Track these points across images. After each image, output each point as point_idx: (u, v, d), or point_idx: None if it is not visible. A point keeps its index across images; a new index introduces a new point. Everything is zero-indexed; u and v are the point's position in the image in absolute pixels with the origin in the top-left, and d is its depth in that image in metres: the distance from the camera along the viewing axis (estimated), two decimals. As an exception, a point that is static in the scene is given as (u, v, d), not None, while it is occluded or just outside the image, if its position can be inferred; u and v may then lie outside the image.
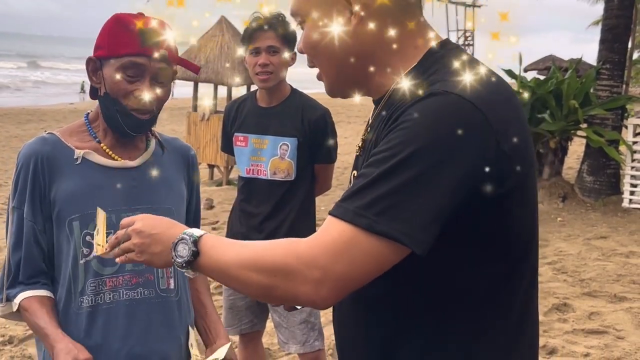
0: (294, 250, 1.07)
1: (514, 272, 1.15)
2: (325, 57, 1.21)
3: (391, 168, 1.03)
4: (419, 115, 1.04)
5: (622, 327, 4.48)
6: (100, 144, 1.72)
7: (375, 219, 1.02)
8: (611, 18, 8.83)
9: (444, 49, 1.18)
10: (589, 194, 8.72)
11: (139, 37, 1.60)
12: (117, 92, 1.64)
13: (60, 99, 30.68)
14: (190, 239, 1.16)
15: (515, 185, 1.09)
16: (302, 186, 2.88)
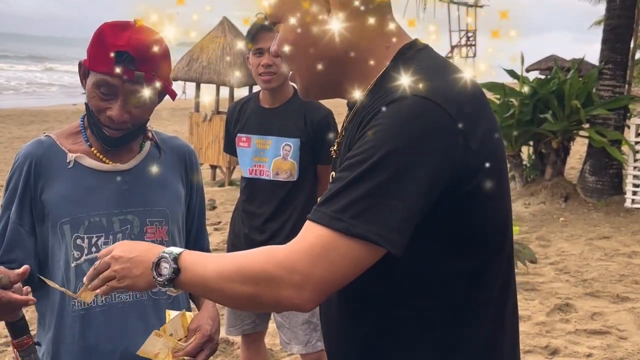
0: (273, 257, 1.09)
1: (488, 267, 1.17)
2: (301, 59, 1.22)
3: (364, 172, 1.06)
4: (388, 118, 1.07)
5: (625, 328, 4.48)
6: (91, 148, 1.72)
7: (351, 222, 1.04)
8: (613, 18, 8.82)
9: (411, 50, 1.20)
10: (591, 194, 8.71)
11: (113, 58, 1.57)
12: (92, 106, 1.65)
13: (63, 99, 30.73)
14: (170, 256, 1.17)
15: (484, 182, 1.11)
16: (305, 187, 2.88)
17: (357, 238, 1.05)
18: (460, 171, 1.08)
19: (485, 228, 1.15)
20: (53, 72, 52.11)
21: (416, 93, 1.08)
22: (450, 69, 1.17)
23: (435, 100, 1.07)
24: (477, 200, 1.12)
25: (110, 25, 1.61)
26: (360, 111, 1.19)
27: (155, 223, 1.75)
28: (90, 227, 1.68)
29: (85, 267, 1.66)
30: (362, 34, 1.19)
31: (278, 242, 2.81)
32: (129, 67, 1.57)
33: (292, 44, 1.21)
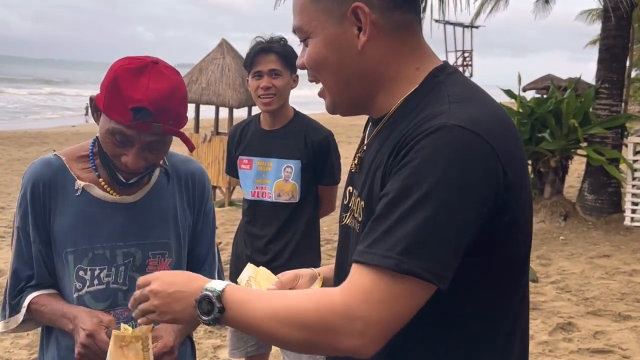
0: (329, 304, 1.07)
1: (509, 292, 1.18)
2: (331, 74, 1.22)
3: (408, 209, 1.04)
4: (429, 151, 1.06)
5: (628, 347, 4.46)
6: (99, 178, 1.69)
7: (401, 259, 1.03)
8: (609, 38, 8.90)
9: (443, 73, 1.20)
10: (590, 212, 8.72)
11: (131, 113, 1.51)
12: (106, 150, 1.61)
13: (63, 121, 30.81)
14: (214, 295, 1.14)
15: (518, 213, 1.12)
16: (307, 208, 2.89)
17: (407, 275, 1.03)
18: (500, 202, 1.08)
19: (513, 257, 1.16)
20: (52, 94, 52.28)
21: (457, 123, 1.07)
22: (482, 95, 1.18)
23: (476, 131, 1.06)
24: (513, 229, 1.13)
25: (126, 70, 1.53)
26: (389, 131, 1.18)
27: (158, 256, 1.73)
28: (94, 260, 1.67)
29: (87, 299, 1.67)
30: (392, 53, 1.19)
31: (281, 264, 2.85)
32: (146, 120, 1.52)
33: (322, 60, 1.21)
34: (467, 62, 29.78)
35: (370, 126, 1.30)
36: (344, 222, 1.33)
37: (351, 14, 1.16)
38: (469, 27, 27.72)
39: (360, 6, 1.15)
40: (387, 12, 1.17)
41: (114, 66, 1.56)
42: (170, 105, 1.54)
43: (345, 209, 1.34)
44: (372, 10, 1.16)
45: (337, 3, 1.17)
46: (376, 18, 1.16)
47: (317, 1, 1.19)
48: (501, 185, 1.08)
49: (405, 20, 1.19)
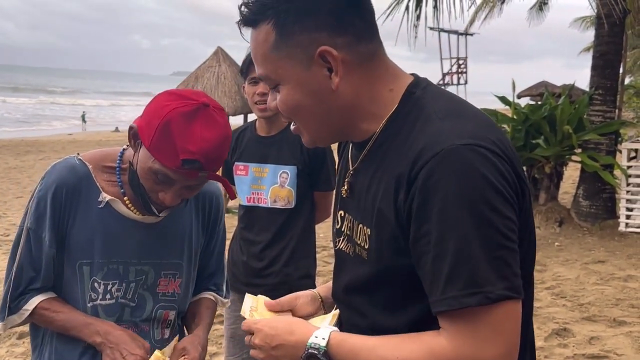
0: (443, 356, 1.07)
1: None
2: (307, 116, 1.22)
3: (461, 240, 1.04)
4: (448, 179, 1.05)
5: (623, 352, 4.47)
6: (124, 196, 1.68)
7: (485, 290, 1.04)
8: (602, 45, 8.95)
9: (418, 89, 1.21)
10: (585, 218, 8.75)
11: (182, 163, 1.50)
12: (144, 183, 1.59)
13: (59, 130, 30.78)
14: (320, 352, 1.16)
15: (527, 215, 1.15)
16: (302, 214, 2.90)
17: (497, 302, 1.04)
18: (517, 202, 1.10)
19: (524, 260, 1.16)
20: (49, 103, 52.22)
21: (461, 142, 1.07)
22: (463, 105, 1.19)
23: (482, 144, 1.07)
24: (525, 229, 1.15)
25: (179, 115, 1.49)
26: (378, 155, 1.19)
27: (169, 276, 1.74)
28: (108, 274, 1.66)
29: (100, 309, 1.67)
30: (364, 83, 1.19)
31: (277, 269, 2.85)
32: (195, 170, 1.52)
33: (296, 105, 1.20)
34: (462, 69, 29.88)
35: (353, 150, 1.29)
36: (338, 247, 1.33)
37: (318, 57, 1.15)
38: (464, 34, 27.84)
39: (327, 50, 1.14)
40: (352, 47, 1.16)
41: (164, 106, 1.52)
42: (220, 155, 1.54)
43: (338, 233, 1.34)
44: (338, 50, 1.15)
45: (301, 48, 1.15)
46: (344, 56, 1.16)
47: (278, 49, 1.17)
48: (517, 186, 1.10)
49: (370, 50, 1.19)
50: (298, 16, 1.14)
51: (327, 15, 1.14)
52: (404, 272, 1.13)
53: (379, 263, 1.18)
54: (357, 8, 1.16)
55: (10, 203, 10.73)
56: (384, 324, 1.20)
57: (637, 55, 29.20)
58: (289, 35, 1.15)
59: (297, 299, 1.43)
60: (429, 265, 1.08)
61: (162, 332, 1.76)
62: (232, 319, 3.02)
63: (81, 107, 45.94)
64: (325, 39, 1.14)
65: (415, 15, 10.07)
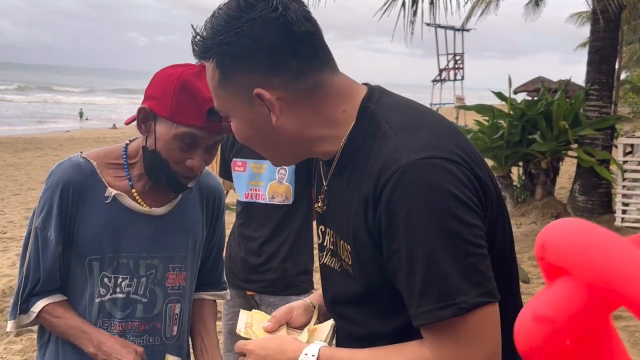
0: None
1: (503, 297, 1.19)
2: (260, 147, 1.26)
3: (427, 256, 1.07)
4: (409, 197, 1.07)
5: (619, 346, 4.50)
6: (132, 189, 1.69)
7: (457, 301, 1.06)
8: (598, 40, 8.97)
9: (372, 102, 1.21)
10: (581, 213, 8.78)
11: (205, 113, 1.54)
12: (168, 156, 1.60)
13: (56, 126, 30.73)
14: None
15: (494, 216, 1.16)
16: (300, 210, 2.91)
17: (472, 310, 1.06)
18: (481, 206, 1.12)
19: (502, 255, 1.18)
20: (46, 100, 52.13)
21: (417, 157, 1.09)
22: (417, 112, 1.21)
23: (438, 155, 1.09)
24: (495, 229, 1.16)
25: (191, 75, 1.56)
26: (346, 173, 1.20)
27: (177, 269, 1.76)
28: (118, 268, 1.68)
29: (109, 305, 1.68)
30: (310, 115, 1.19)
31: (274, 265, 2.87)
32: (217, 120, 1.56)
33: (246, 137, 1.24)
34: (459, 65, 29.88)
35: (323, 166, 1.30)
36: (322, 262, 1.35)
37: (256, 97, 1.17)
38: (460, 30, 27.83)
39: (260, 92, 1.16)
40: (289, 86, 1.16)
41: (172, 74, 1.57)
42: None
43: (321, 249, 1.35)
44: (274, 90, 1.16)
45: (241, 88, 1.18)
46: (281, 94, 1.17)
47: (224, 86, 1.20)
48: (479, 189, 1.12)
49: (313, 83, 1.18)
50: (235, 59, 1.16)
51: (262, 58, 1.15)
52: (392, 285, 1.15)
53: (365, 278, 1.20)
54: (294, 48, 1.15)
55: (7, 200, 10.72)
56: (379, 330, 1.21)
57: (633, 51, 29.25)
58: (230, 75, 1.18)
59: (292, 310, 1.43)
60: (403, 282, 1.11)
61: (171, 330, 1.77)
62: (230, 315, 3.03)
63: (78, 104, 45.89)
64: (260, 80, 1.16)
65: (411, 11, 10.09)
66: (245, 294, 2.96)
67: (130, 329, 1.70)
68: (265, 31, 1.14)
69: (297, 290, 2.85)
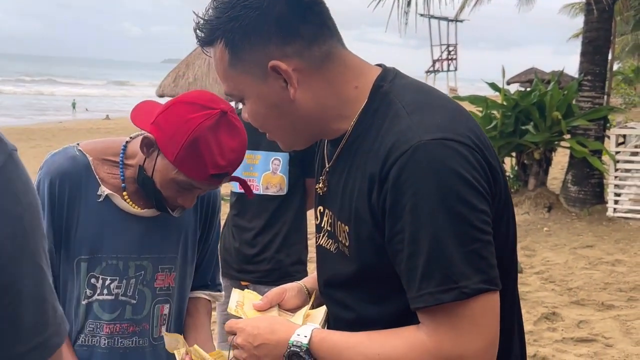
0: (425, 353, 1.08)
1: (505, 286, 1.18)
2: (275, 127, 1.24)
3: (434, 237, 1.05)
4: (419, 176, 1.06)
5: (611, 335, 4.54)
6: (123, 191, 1.66)
7: (460, 285, 1.04)
8: (591, 31, 8.99)
9: (386, 82, 1.20)
10: (574, 203, 8.82)
11: (212, 176, 1.52)
12: (162, 189, 1.59)
13: (48, 117, 30.60)
14: (302, 350, 1.15)
15: (501, 204, 1.15)
16: (294, 200, 2.92)
17: (476, 295, 1.05)
18: (490, 192, 1.10)
19: (504, 246, 1.17)
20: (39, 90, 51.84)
21: (429, 137, 1.07)
22: (432, 95, 1.19)
23: (451, 137, 1.08)
24: (499, 222, 1.15)
25: (205, 127, 1.49)
26: (351, 152, 1.19)
27: (166, 270, 1.73)
28: (107, 269, 1.64)
29: (96, 306, 1.65)
30: (326, 86, 1.18)
31: (269, 256, 2.87)
32: (220, 180, 1.56)
33: (262, 118, 1.22)
34: (452, 55, 29.88)
35: (328, 147, 1.30)
36: (319, 243, 1.34)
37: (271, 71, 1.16)
38: (454, 21, 27.82)
39: (276, 64, 1.15)
40: (303, 53, 1.16)
41: (187, 120, 1.50)
42: (242, 158, 1.58)
43: (318, 229, 1.34)
44: (289, 59, 1.15)
45: (254, 63, 1.16)
46: (296, 64, 1.16)
47: (234, 66, 1.18)
48: (489, 173, 1.10)
49: (326, 51, 1.18)
50: (245, 34, 1.15)
51: (272, 28, 1.14)
52: (387, 268, 1.14)
53: (361, 260, 1.18)
54: (303, 14, 1.15)
55: None
56: (370, 316, 1.20)
57: (625, 42, 29.32)
58: (241, 53, 1.16)
59: (284, 292, 1.43)
60: (404, 263, 1.09)
61: (159, 330, 1.74)
62: (224, 305, 3.04)
63: (71, 94, 45.65)
64: (274, 52, 1.14)
65: (405, 1, 10.07)
66: (239, 284, 2.96)
67: (118, 331, 1.67)
68: (272, 1, 1.13)
69: (292, 280, 2.85)
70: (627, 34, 28.72)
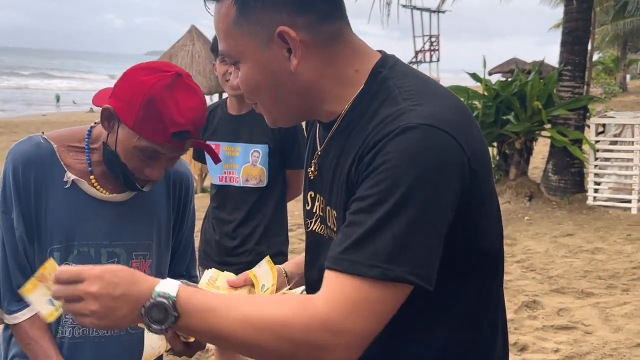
0: (313, 316, 1.03)
1: (490, 276, 1.19)
2: (267, 97, 1.19)
3: (387, 213, 1.02)
4: (398, 154, 1.04)
5: (590, 322, 4.59)
6: (90, 175, 1.63)
7: (387, 267, 1.01)
8: (571, 21, 9.04)
9: (385, 68, 1.18)
10: (554, 192, 8.90)
11: (172, 135, 1.49)
12: (127, 162, 1.57)
13: (32, 110, 30.25)
14: (168, 302, 1.03)
15: (484, 198, 1.13)
16: (274, 192, 2.92)
17: (394, 282, 1.02)
18: (468, 193, 1.08)
19: (487, 242, 1.16)
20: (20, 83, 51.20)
21: (421, 122, 1.05)
22: (431, 85, 1.17)
23: (441, 127, 1.05)
24: (481, 217, 1.13)
25: (161, 89, 1.48)
26: (344, 136, 1.17)
27: (140, 257, 1.70)
28: (79, 257, 1.61)
29: None
30: (327, 65, 1.16)
31: (249, 248, 2.87)
32: (182, 140, 1.53)
33: (256, 85, 1.18)
34: (434, 46, 29.94)
35: (320, 130, 1.27)
36: (310, 229, 1.31)
37: (278, 37, 1.12)
38: (436, 12, 27.85)
39: (285, 30, 1.11)
40: (314, 28, 1.13)
41: (141, 84, 1.50)
42: (203, 120, 1.55)
43: (309, 215, 1.31)
44: (298, 30, 1.12)
45: (262, 26, 1.13)
46: (304, 36, 1.13)
47: (239, 25, 1.14)
48: (467, 175, 1.08)
49: (335, 31, 1.16)
50: None
51: None
52: None
53: None
54: None
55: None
56: None
57: (605, 32, 29.54)
58: (250, 12, 1.13)
59: None
60: (348, 224, 1.06)
61: None
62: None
63: (54, 87, 45.10)
64: (285, 19, 1.11)
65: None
66: (220, 276, 2.96)
67: None
68: None
69: (273, 272, 2.86)
70: (607, 24, 28.94)
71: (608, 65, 30.99)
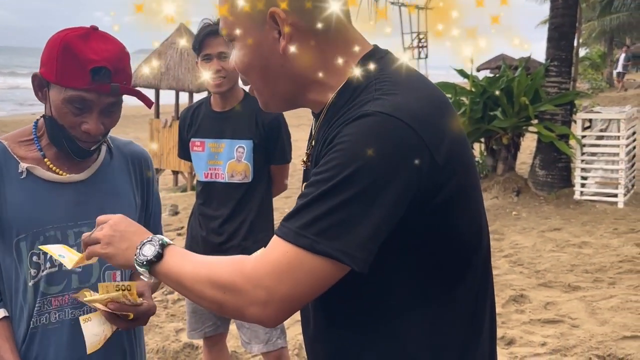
0: (241, 268, 1.10)
1: (465, 273, 1.19)
2: (258, 77, 1.23)
3: (330, 189, 1.05)
4: (352, 136, 1.06)
5: (577, 316, 4.62)
6: (44, 158, 1.66)
7: (316, 239, 1.04)
8: (557, 17, 9.09)
9: (373, 59, 1.19)
10: (542, 187, 8.95)
11: (89, 74, 1.52)
12: (64, 121, 1.59)
13: (21, 109, 30.06)
14: (159, 241, 1.21)
15: (453, 193, 1.12)
16: (260, 187, 2.92)
17: (321, 255, 1.04)
18: (427, 186, 1.08)
19: (460, 235, 1.16)
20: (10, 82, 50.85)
21: (380, 110, 1.07)
22: (411, 79, 1.17)
23: (400, 117, 1.06)
24: (449, 211, 1.12)
25: (74, 37, 1.55)
26: (326, 126, 1.18)
27: None
28: (46, 242, 1.61)
29: (42, 284, 1.62)
30: (317, 52, 1.18)
31: (235, 243, 2.87)
32: (105, 81, 1.54)
33: (248, 64, 1.21)
34: (422, 43, 29.99)
35: (314, 121, 1.30)
36: None
37: (270, 19, 1.15)
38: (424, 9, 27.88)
39: (276, 11, 1.14)
40: (308, 13, 1.15)
41: (57, 38, 1.57)
42: (124, 64, 1.58)
43: None
44: (290, 13, 1.14)
45: (258, 8, 1.16)
46: (295, 20, 1.15)
47: (238, 5, 1.17)
48: (426, 167, 1.07)
49: (327, 18, 1.17)
50: None
51: None
52: None
53: None
54: None
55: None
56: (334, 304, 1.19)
57: (592, 28, 29.70)
58: None
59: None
60: (297, 199, 1.11)
61: None
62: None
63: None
64: (279, 1, 1.14)
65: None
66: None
67: (67, 302, 1.65)
68: None
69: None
70: (593, 20, 29.09)
71: (595, 61, 31.15)
